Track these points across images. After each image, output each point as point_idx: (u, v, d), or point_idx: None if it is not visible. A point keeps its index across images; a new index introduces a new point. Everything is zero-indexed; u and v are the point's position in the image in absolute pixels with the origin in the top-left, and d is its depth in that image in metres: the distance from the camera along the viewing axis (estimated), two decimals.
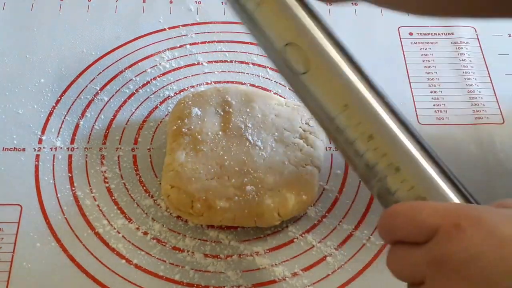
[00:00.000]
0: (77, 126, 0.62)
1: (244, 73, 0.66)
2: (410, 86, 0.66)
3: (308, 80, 0.40)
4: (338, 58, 0.40)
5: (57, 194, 0.57)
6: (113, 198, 0.57)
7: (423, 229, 0.34)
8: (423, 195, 0.37)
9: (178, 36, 0.70)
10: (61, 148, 0.60)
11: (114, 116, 0.63)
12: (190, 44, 0.69)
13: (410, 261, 0.35)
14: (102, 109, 0.63)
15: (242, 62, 0.67)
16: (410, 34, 0.71)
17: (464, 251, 0.32)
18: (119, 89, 0.65)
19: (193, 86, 0.65)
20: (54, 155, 0.59)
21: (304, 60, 0.39)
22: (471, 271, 0.32)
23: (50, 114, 0.62)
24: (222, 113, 0.58)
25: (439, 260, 0.33)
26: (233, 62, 0.67)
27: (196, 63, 0.67)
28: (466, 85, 0.67)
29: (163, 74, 0.66)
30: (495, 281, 0.32)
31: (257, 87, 0.65)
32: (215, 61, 0.67)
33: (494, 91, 0.66)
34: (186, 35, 0.70)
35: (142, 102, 0.64)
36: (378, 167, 0.38)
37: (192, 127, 0.57)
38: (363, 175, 0.40)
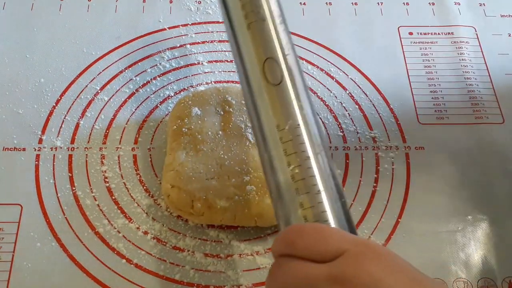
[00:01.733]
0: (77, 125, 0.62)
1: None
2: (410, 86, 0.66)
3: (276, 92, 0.44)
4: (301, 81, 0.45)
5: (57, 194, 0.57)
6: (113, 197, 0.57)
7: (330, 250, 0.37)
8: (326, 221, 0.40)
9: (178, 36, 0.70)
10: (61, 148, 0.60)
11: (114, 115, 0.63)
12: (190, 44, 0.69)
13: (307, 276, 0.37)
14: (102, 108, 0.63)
15: None
16: (410, 34, 0.71)
17: (368, 275, 0.35)
18: (119, 89, 0.65)
19: (193, 86, 0.65)
20: (54, 155, 0.59)
21: (279, 74, 0.44)
22: None
23: (50, 114, 0.62)
24: (222, 113, 0.58)
25: (341, 278, 0.36)
26: (233, 62, 0.67)
27: (196, 63, 0.67)
28: (466, 85, 0.67)
29: (163, 73, 0.66)
30: None
31: None
32: (215, 61, 0.67)
33: (494, 91, 0.66)
34: (186, 35, 0.70)
35: (142, 102, 0.64)
36: (288, 194, 0.41)
37: (192, 126, 0.57)
38: (273, 192, 0.43)
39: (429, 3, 0.74)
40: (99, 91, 0.64)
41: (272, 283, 0.39)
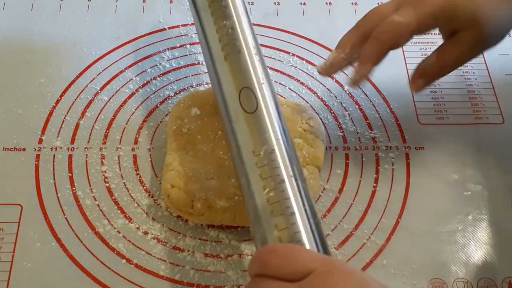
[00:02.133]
0: (77, 126, 0.62)
1: None
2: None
3: (252, 119, 0.48)
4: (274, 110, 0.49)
5: (57, 194, 0.57)
6: (113, 197, 0.57)
7: (299, 270, 0.39)
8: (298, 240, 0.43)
9: (178, 36, 0.70)
10: (61, 148, 0.60)
11: (114, 116, 0.63)
12: (190, 44, 0.69)
13: None
14: (102, 109, 0.63)
15: None
16: None
17: None
18: (119, 89, 0.65)
19: (193, 86, 0.65)
20: (54, 155, 0.59)
21: (254, 102, 0.48)
22: None
23: (50, 114, 0.62)
24: None
25: None
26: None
27: (196, 63, 0.67)
28: (466, 85, 0.67)
29: (163, 74, 0.66)
30: None
31: None
32: None
33: (494, 91, 0.66)
34: (186, 35, 0.70)
35: (142, 102, 0.64)
36: (264, 216, 0.44)
37: (192, 127, 0.57)
38: (251, 215, 0.45)
39: None
40: (99, 91, 0.64)
41: None
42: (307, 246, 0.42)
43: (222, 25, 0.51)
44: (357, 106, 0.64)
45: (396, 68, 0.68)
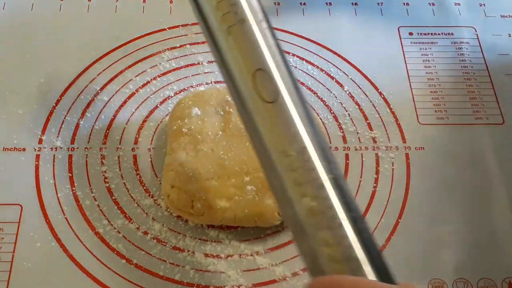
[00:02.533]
0: (77, 126, 0.62)
1: None
2: (410, 86, 0.66)
3: (273, 110, 0.39)
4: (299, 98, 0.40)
5: (57, 194, 0.57)
6: (113, 198, 0.57)
7: None
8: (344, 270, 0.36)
9: (178, 36, 0.70)
10: (61, 148, 0.60)
11: (114, 116, 0.62)
12: (190, 44, 0.69)
13: None
14: (102, 109, 0.63)
15: None
16: (410, 34, 0.71)
17: None
18: (119, 89, 0.65)
19: (193, 86, 0.65)
20: (54, 155, 0.59)
21: (274, 89, 0.39)
22: None
23: (50, 114, 0.62)
24: (222, 113, 0.58)
25: None
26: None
27: (196, 63, 0.67)
28: (466, 85, 0.67)
29: (163, 74, 0.66)
30: None
31: None
32: (215, 61, 0.67)
33: (494, 91, 0.66)
34: (186, 35, 0.70)
35: (142, 102, 0.64)
36: (308, 228, 0.37)
37: (192, 127, 0.57)
38: (292, 225, 0.39)
39: (429, 3, 0.74)
40: (99, 91, 0.64)
41: None
42: (363, 262, 0.36)
43: None
44: (357, 106, 0.64)
45: (396, 68, 0.68)
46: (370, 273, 0.36)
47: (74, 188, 0.57)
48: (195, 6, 0.42)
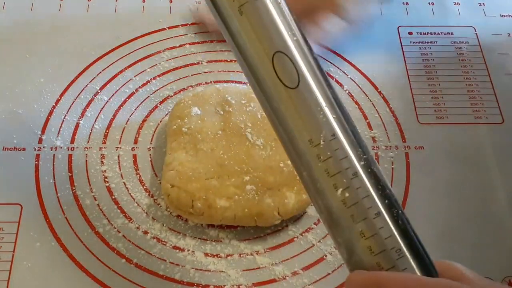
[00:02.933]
0: (77, 125, 0.62)
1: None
2: (410, 86, 0.66)
3: (297, 97, 0.36)
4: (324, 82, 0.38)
5: (57, 194, 0.57)
6: (113, 197, 0.57)
7: None
8: (384, 265, 0.36)
9: (177, 36, 0.70)
10: (61, 147, 0.60)
11: (114, 115, 0.63)
12: (190, 44, 0.69)
13: None
14: (102, 108, 0.63)
15: None
16: (410, 33, 0.71)
17: None
18: (119, 89, 0.65)
19: (192, 86, 0.65)
20: (54, 154, 0.59)
21: (295, 72, 0.36)
22: None
23: (50, 113, 0.62)
24: (222, 113, 0.58)
25: None
26: (233, 61, 0.67)
27: (195, 62, 0.67)
28: (466, 85, 0.67)
29: (163, 73, 0.66)
30: None
31: None
32: (215, 61, 0.67)
33: (494, 91, 0.66)
34: (185, 34, 0.70)
35: (142, 102, 0.64)
36: (343, 221, 0.36)
37: (192, 126, 0.57)
38: (325, 217, 0.38)
39: (429, 3, 0.74)
40: (99, 91, 0.64)
41: None
42: (403, 253, 0.36)
43: None
44: (356, 106, 0.64)
45: (395, 68, 0.68)
46: (412, 266, 0.36)
47: (74, 188, 0.57)
48: None
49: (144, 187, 0.58)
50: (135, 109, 0.63)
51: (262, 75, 0.37)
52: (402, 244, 0.36)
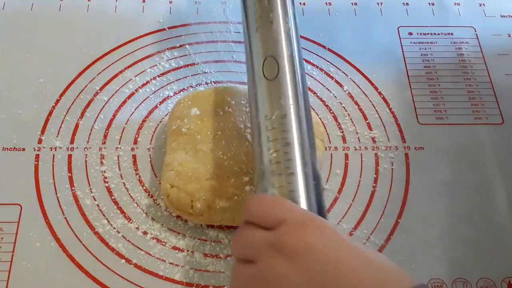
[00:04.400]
0: (76, 126, 0.62)
1: (243, 73, 0.66)
2: (410, 86, 0.66)
3: (270, 85, 0.48)
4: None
5: (57, 194, 0.57)
6: (113, 197, 0.57)
7: (277, 219, 0.40)
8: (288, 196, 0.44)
9: (178, 36, 0.70)
10: (61, 148, 0.60)
11: (114, 116, 0.63)
12: (190, 44, 0.69)
13: (252, 240, 0.41)
14: (101, 109, 0.63)
15: (241, 62, 0.67)
16: (410, 34, 0.71)
17: (300, 241, 0.39)
18: (118, 89, 0.65)
19: (192, 86, 0.65)
20: (53, 155, 0.59)
21: (275, 70, 0.49)
22: (302, 259, 0.38)
23: (50, 114, 0.62)
24: (221, 113, 0.58)
25: (278, 245, 0.39)
26: (233, 62, 0.67)
27: (195, 63, 0.67)
28: (466, 85, 0.67)
29: (163, 74, 0.66)
30: (320, 271, 0.38)
31: None
32: (215, 61, 0.67)
33: (494, 91, 0.66)
34: (186, 35, 0.70)
35: (141, 102, 0.64)
36: (266, 175, 0.45)
37: (192, 127, 0.57)
38: (257, 175, 0.47)
39: (429, 3, 0.74)
40: (99, 91, 0.64)
41: (233, 245, 0.44)
42: (301, 205, 0.43)
43: None
44: (356, 106, 0.64)
45: (395, 68, 0.68)
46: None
47: (73, 188, 0.57)
48: (242, 5, 0.53)
49: (144, 188, 0.58)
50: (135, 109, 0.63)
51: (256, 69, 0.50)
52: (302, 200, 0.43)
